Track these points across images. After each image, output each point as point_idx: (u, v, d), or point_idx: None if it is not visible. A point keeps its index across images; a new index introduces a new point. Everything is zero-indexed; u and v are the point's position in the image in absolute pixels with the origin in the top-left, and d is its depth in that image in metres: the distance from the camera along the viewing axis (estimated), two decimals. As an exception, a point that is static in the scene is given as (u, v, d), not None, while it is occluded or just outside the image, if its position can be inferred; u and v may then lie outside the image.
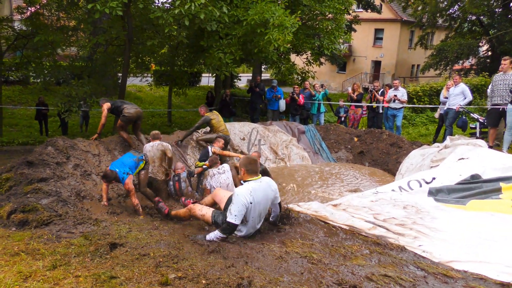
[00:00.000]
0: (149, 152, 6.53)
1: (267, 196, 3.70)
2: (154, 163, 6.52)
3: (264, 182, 3.74)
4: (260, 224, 3.78)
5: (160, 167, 6.56)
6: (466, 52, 21.59)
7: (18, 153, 8.51)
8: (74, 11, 11.73)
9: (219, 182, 6.27)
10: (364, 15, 24.90)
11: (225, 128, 8.26)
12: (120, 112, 7.26)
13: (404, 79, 27.22)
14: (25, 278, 2.50)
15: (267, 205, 3.79)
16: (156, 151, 6.55)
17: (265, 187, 3.70)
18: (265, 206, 3.75)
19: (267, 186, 3.74)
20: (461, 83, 9.59)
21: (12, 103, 16.10)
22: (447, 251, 3.18)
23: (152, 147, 6.60)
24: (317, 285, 2.51)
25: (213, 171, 6.51)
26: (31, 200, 4.12)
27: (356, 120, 11.84)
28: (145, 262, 2.73)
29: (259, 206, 3.59)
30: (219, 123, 8.18)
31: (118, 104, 7.46)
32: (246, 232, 3.65)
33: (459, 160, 5.80)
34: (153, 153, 6.53)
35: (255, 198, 3.54)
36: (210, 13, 8.48)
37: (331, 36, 12.96)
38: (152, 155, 6.52)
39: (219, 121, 8.22)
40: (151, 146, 6.61)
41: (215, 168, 6.54)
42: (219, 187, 6.21)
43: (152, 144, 6.64)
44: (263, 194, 3.63)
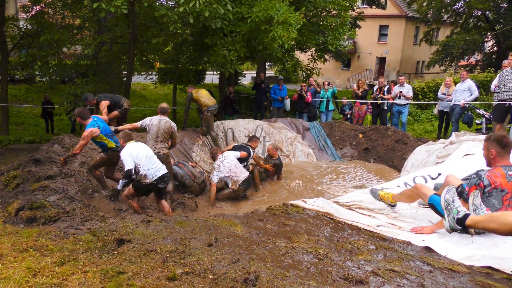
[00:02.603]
0: (155, 126, 6.28)
1: None
2: (157, 138, 6.28)
3: None
4: None
5: (163, 143, 6.36)
6: (471, 47, 21.46)
7: (24, 151, 8.58)
8: (79, 10, 11.78)
9: (228, 168, 6.67)
10: (368, 11, 24.81)
11: (208, 100, 8.51)
12: (120, 106, 7.37)
13: (409, 75, 27.09)
14: (34, 273, 2.53)
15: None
16: (163, 126, 6.32)
17: None
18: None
19: None
20: (468, 79, 9.55)
21: (18, 102, 16.20)
22: (453, 246, 3.18)
23: (160, 121, 6.35)
24: (323, 280, 2.52)
25: (217, 162, 6.82)
26: (39, 197, 4.16)
27: (361, 116, 11.81)
28: (152, 258, 2.75)
29: None
30: (199, 96, 8.52)
31: (116, 99, 7.58)
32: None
33: (465, 156, 5.78)
34: (157, 128, 6.29)
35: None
36: (214, 10, 8.49)
37: (335, 32, 12.93)
38: (157, 129, 6.27)
39: (200, 95, 8.55)
40: (159, 120, 6.35)
41: (217, 159, 6.86)
42: (230, 170, 6.61)
43: (160, 118, 6.39)
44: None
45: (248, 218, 4.02)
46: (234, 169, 6.71)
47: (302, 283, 2.41)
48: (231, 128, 9.44)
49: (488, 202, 3.17)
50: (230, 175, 6.71)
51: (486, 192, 3.18)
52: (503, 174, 3.17)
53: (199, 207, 6.36)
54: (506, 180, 3.15)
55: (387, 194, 4.42)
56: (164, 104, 6.66)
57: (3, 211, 4.01)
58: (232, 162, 6.76)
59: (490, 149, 3.30)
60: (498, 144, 3.26)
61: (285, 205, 4.59)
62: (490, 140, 3.34)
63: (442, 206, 2.91)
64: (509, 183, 3.14)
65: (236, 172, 6.71)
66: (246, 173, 6.77)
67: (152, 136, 6.22)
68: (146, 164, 5.30)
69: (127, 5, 8.15)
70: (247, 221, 3.91)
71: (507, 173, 3.16)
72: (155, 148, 6.17)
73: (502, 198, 3.14)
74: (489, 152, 3.32)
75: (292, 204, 4.64)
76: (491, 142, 3.30)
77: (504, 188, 3.14)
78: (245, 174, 6.75)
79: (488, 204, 3.15)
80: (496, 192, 3.15)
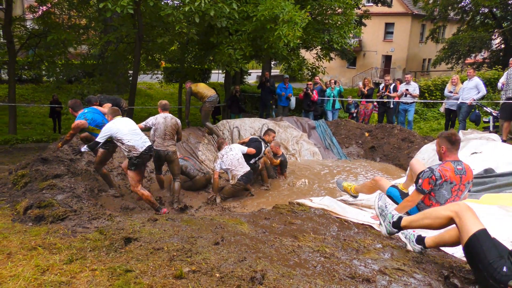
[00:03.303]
0: (162, 123, 6.20)
1: None
2: (165, 135, 6.21)
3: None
4: None
5: (171, 140, 6.32)
6: (478, 45, 21.32)
7: (32, 151, 8.65)
8: (85, 10, 11.84)
9: (230, 160, 6.68)
10: (374, 9, 24.67)
11: (207, 91, 8.62)
12: (120, 107, 7.46)
13: (415, 73, 26.95)
14: (42, 271, 2.55)
15: None
16: (169, 122, 6.26)
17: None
18: None
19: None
20: (475, 77, 9.48)
21: (25, 101, 16.31)
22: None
23: (165, 118, 6.26)
24: (330, 278, 2.52)
25: (222, 152, 6.88)
26: (47, 196, 4.19)
27: (367, 115, 11.77)
28: (159, 256, 2.77)
29: None
30: (199, 88, 8.60)
31: (117, 101, 7.70)
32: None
33: (472, 154, 5.75)
34: (165, 126, 6.21)
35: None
36: (220, 9, 8.50)
37: (341, 30, 12.88)
38: (164, 127, 6.20)
39: (199, 87, 8.64)
40: (164, 118, 6.26)
41: (222, 149, 6.91)
42: (231, 163, 6.66)
43: (165, 116, 6.30)
44: None
45: (255, 217, 4.03)
46: (236, 162, 6.71)
47: (309, 282, 2.42)
48: (237, 127, 9.45)
49: (439, 193, 3.53)
50: (230, 168, 6.73)
51: (438, 184, 3.49)
52: (452, 168, 3.50)
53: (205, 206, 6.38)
54: (455, 174, 3.50)
55: (350, 185, 4.79)
56: (165, 100, 6.64)
57: (12, 209, 4.04)
58: (235, 155, 6.75)
59: (441, 145, 3.61)
60: (448, 141, 3.57)
61: (291, 204, 4.59)
62: (441, 137, 3.65)
63: (377, 213, 3.05)
64: (456, 176, 3.50)
65: (237, 166, 6.71)
66: (246, 169, 6.74)
67: (160, 135, 6.18)
68: (132, 138, 5.34)
69: (133, 4, 8.18)
70: (253, 219, 3.92)
71: (455, 167, 3.51)
72: (163, 146, 6.17)
73: (451, 189, 3.51)
74: (440, 148, 3.63)
75: (298, 202, 4.65)
76: (442, 139, 3.61)
77: (453, 181, 3.50)
78: (245, 169, 6.72)
79: (439, 195, 3.53)
80: (446, 184, 3.49)
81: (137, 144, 5.31)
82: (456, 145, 3.58)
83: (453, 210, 2.54)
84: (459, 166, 3.54)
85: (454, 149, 3.58)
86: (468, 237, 2.38)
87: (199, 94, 8.55)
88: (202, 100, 8.62)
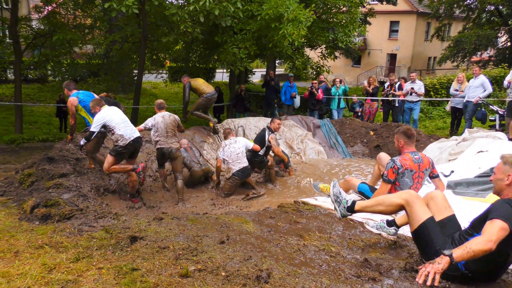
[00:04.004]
0: (161, 123, 6.26)
1: None
2: (167, 133, 6.27)
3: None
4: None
5: (173, 137, 6.38)
6: (484, 43, 21.16)
7: (38, 150, 8.71)
8: (90, 9, 11.89)
9: (230, 152, 6.64)
10: (379, 8, 24.57)
11: (206, 87, 8.55)
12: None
13: (420, 71, 26.82)
14: (49, 270, 2.57)
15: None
16: (168, 120, 6.31)
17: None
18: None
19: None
20: (481, 75, 9.42)
21: (31, 101, 16.41)
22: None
23: (163, 117, 6.32)
24: (336, 277, 2.52)
25: (226, 142, 6.86)
26: (53, 195, 4.22)
27: (372, 114, 11.73)
28: (165, 255, 2.78)
29: None
30: (198, 84, 8.52)
31: (117, 105, 7.64)
32: None
33: (478, 153, 5.71)
34: (165, 124, 6.27)
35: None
36: (224, 8, 8.50)
37: (345, 29, 12.85)
38: (165, 125, 6.26)
39: (198, 83, 8.55)
40: (162, 117, 6.31)
41: (228, 139, 6.88)
42: (230, 155, 6.65)
43: (162, 115, 6.35)
44: None
45: (260, 216, 4.03)
46: (234, 156, 6.65)
47: (315, 281, 2.42)
48: (241, 126, 9.45)
49: (403, 181, 3.96)
50: (227, 160, 6.70)
51: (400, 173, 3.94)
52: (411, 158, 3.98)
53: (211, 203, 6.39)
54: (413, 162, 3.96)
55: (325, 186, 5.09)
56: (160, 100, 6.72)
57: (19, 208, 4.07)
58: (237, 149, 6.68)
59: (399, 139, 4.07)
60: (405, 135, 4.03)
61: (296, 203, 4.59)
62: (399, 132, 4.09)
63: (332, 200, 3.22)
64: (415, 165, 3.96)
65: (234, 160, 6.65)
66: (243, 165, 6.67)
67: (162, 133, 6.24)
68: (123, 126, 5.42)
69: (137, 4, 8.20)
70: (259, 218, 3.92)
71: (413, 157, 3.98)
72: (167, 144, 6.22)
73: (412, 176, 3.97)
74: (398, 142, 4.10)
75: (303, 201, 4.65)
76: (400, 134, 4.07)
77: (413, 169, 3.96)
78: (242, 165, 6.65)
79: (403, 183, 3.95)
80: (407, 172, 3.95)
81: (125, 133, 5.41)
82: (412, 138, 4.04)
83: (404, 198, 2.72)
84: (416, 156, 4.01)
85: (411, 142, 4.04)
86: (418, 225, 2.59)
87: (198, 90, 8.52)
88: (200, 95, 8.58)
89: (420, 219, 2.58)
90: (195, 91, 8.57)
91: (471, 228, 2.46)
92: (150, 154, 7.45)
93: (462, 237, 2.47)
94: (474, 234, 2.37)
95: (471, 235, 2.39)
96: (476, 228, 2.39)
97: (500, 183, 2.47)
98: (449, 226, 2.61)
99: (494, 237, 2.14)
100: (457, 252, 2.13)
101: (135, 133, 5.53)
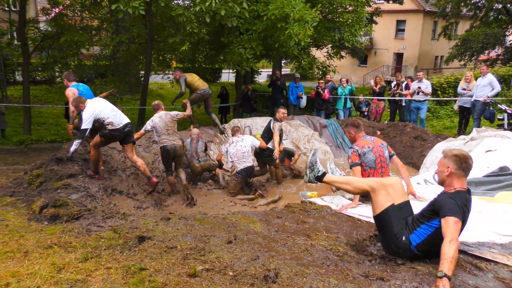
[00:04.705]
0: (158, 122, 6.40)
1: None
2: (167, 131, 6.38)
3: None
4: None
5: (174, 134, 6.48)
6: (492, 41, 20.98)
7: (47, 151, 8.75)
8: (97, 11, 11.95)
9: (236, 150, 6.70)
10: (385, 7, 24.45)
11: (201, 84, 8.57)
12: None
13: (427, 71, 26.65)
14: (58, 269, 2.59)
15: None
16: (166, 119, 6.43)
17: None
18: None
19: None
20: (489, 73, 9.34)
21: (39, 102, 16.53)
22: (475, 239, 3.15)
23: (160, 117, 6.44)
24: (343, 277, 2.52)
25: (233, 139, 6.91)
26: (62, 195, 4.25)
27: (378, 113, 11.68)
28: (173, 255, 2.79)
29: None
30: (193, 80, 8.53)
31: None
32: None
33: (487, 152, 5.67)
34: (164, 123, 6.39)
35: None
36: (230, 9, 8.51)
37: (352, 29, 12.80)
38: (164, 126, 6.38)
39: (194, 79, 8.56)
40: (159, 117, 6.44)
41: (235, 136, 6.94)
42: (236, 153, 6.69)
43: (159, 115, 6.48)
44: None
45: (267, 216, 4.03)
46: (240, 155, 6.67)
47: (322, 280, 2.41)
48: (248, 126, 9.46)
49: (367, 159, 4.56)
50: (232, 158, 6.72)
51: (362, 153, 4.57)
52: (364, 140, 4.69)
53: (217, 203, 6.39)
54: (367, 141, 4.68)
55: (313, 193, 5.59)
56: (156, 101, 6.90)
57: (28, 209, 4.11)
58: (243, 147, 6.71)
59: (350, 131, 4.78)
60: (353, 126, 4.75)
61: (304, 203, 4.59)
62: (348, 125, 4.83)
63: (307, 165, 3.61)
64: (370, 142, 4.68)
65: (240, 158, 6.66)
66: (248, 164, 6.69)
67: (163, 132, 6.36)
68: (112, 115, 5.47)
69: (144, 5, 8.23)
70: (266, 218, 3.92)
71: (366, 139, 4.71)
72: (170, 141, 6.35)
73: (372, 151, 4.60)
74: (350, 133, 4.80)
75: (310, 201, 4.65)
76: (349, 126, 4.79)
77: (369, 146, 4.62)
78: (246, 164, 6.67)
79: (368, 161, 4.56)
80: (366, 150, 4.58)
81: (115, 121, 5.47)
82: (360, 127, 4.78)
83: (370, 185, 3.02)
84: (367, 136, 4.77)
85: (360, 130, 4.76)
86: (380, 211, 2.91)
87: (193, 86, 8.50)
88: (194, 91, 8.55)
89: (382, 206, 2.90)
90: (189, 86, 8.56)
91: (421, 217, 2.80)
92: (157, 154, 7.48)
93: (414, 222, 2.82)
94: (425, 222, 2.74)
95: (422, 223, 2.76)
96: (425, 217, 2.76)
97: (442, 175, 2.79)
98: (405, 210, 2.91)
99: (455, 234, 2.44)
100: (445, 267, 2.29)
101: (124, 119, 5.61)
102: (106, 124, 5.43)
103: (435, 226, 2.66)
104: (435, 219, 2.66)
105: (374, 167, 4.55)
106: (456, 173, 2.72)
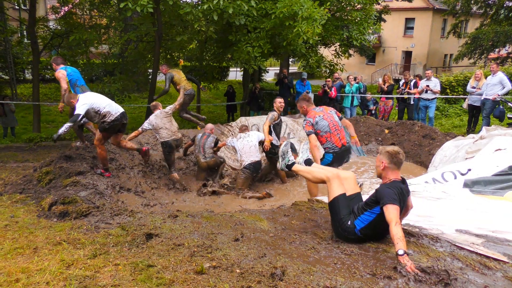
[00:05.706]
0: (155, 120, 6.73)
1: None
2: (167, 129, 6.72)
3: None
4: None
5: (171, 128, 6.80)
6: (502, 39, 20.68)
7: (56, 148, 8.83)
8: (106, 9, 12.01)
9: (243, 145, 6.86)
10: (394, 4, 24.27)
11: (186, 84, 8.51)
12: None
13: (436, 69, 26.40)
14: (67, 266, 2.62)
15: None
16: (162, 118, 6.76)
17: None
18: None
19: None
20: (499, 72, 9.25)
21: (49, 101, 16.67)
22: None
23: (156, 115, 6.79)
24: (350, 275, 2.51)
25: (241, 134, 7.11)
26: (70, 193, 4.29)
27: (386, 112, 11.62)
28: (180, 252, 2.81)
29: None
30: (180, 79, 8.52)
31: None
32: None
33: (496, 151, 5.61)
34: (161, 122, 6.73)
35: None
36: (238, 7, 8.51)
37: (360, 27, 12.73)
38: (162, 124, 6.72)
39: (180, 77, 8.56)
40: (155, 116, 6.79)
41: (243, 133, 7.13)
42: (243, 147, 6.86)
43: (155, 114, 6.83)
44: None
45: (274, 214, 4.03)
46: (247, 149, 6.75)
47: (329, 278, 2.41)
48: (255, 125, 9.45)
49: (320, 126, 5.22)
50: (240, 153, 6.82)
51: (314, 123, 5.23)
52: (314, 111, 5.35)
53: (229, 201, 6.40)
54: (317, 111, 5.34)
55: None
56: (153, 102, 7.29)
57: (37, 205, 4.16)
58: (250, 142, 6.80)
59: (302, 105, 5.45)
60: (304, 100, 5.45)
61: (310, 201, 4.58)
62: (300, 101, 5.49)
63: (280, 154, 3.87)
64: (319, 112, 5.33)
65: (247, 153, 6.73)
66: (255, 158, 6.74)
67: (161, 127, 6.68)
68: (107, 104, 5.56)
69: (152, 3, 8.26)
70: (273, 216, 3.93)
71: (315, 110, 5.36)
72: (170, 136, 6.70)
73: (324, 118, 5.25)
74: (302, 108, 5.47)
75: (317, 199, 4.64)
76: (301, 101, 5.46)
77: (320, 114, 5.28)
78: (254, 158, 6.72)
79: (321, 128, 5.22)
80: (318, 119, 5.23)
81: (112, 110, 5.55)
82: (310, 101, 5.47)
83: (327, 176, 3.41)
84: (316, 108, 5.42)
85: (310, 103, 5.44)
86: (332, 198, 3.29)
87: (179, 84, 8.42)
88: (177, 89, 8.46)
89: (334, 194, 3.29)
90: (174, 84, 8.52)
91: (365, 205, 3.14)
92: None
93: (359, 210, 3.17)
94: (368, 210, 3.10)
95: (365, 210, 3.11)
96: (368, 205, 3.11)
97: (378, 169, 3.17)
98: (355, 201, 3.28)
99: (396, 218, 2.79)
100: (400, 245, 2.64)
101: (119, 108, 5.70)
102: (104, 114, 5.49)
103: (376, 213, 3.02)
104: (376, 207, 3.02)
105: (329, 131, 5.20)
106: (389, 167, 3.09)
